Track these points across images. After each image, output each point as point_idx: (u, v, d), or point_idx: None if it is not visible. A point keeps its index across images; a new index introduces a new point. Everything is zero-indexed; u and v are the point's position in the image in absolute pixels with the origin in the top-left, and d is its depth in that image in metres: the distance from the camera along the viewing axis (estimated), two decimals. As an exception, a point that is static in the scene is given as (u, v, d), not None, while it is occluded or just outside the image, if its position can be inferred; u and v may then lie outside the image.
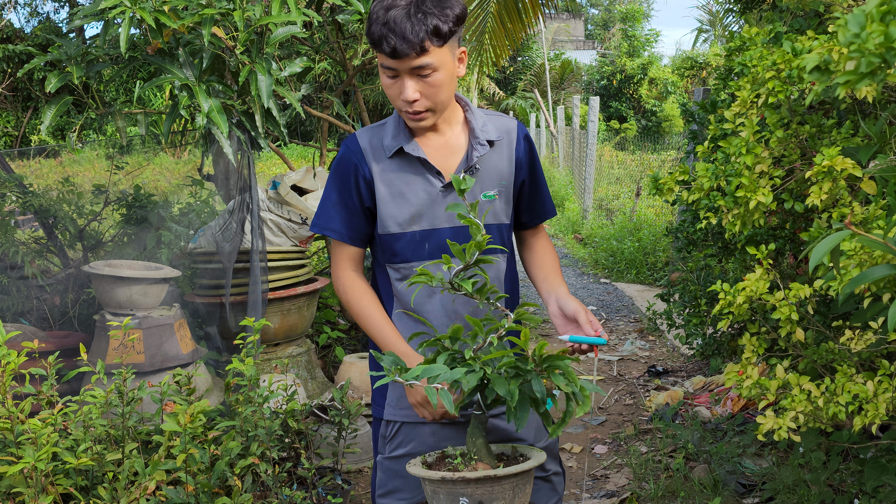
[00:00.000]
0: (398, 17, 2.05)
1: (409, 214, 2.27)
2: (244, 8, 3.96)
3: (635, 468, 4.29)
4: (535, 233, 2.54)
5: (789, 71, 2.69)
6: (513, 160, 2.36)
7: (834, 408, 2.49)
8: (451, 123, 2.31)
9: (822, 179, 2.47)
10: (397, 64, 2.10)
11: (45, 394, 3.34)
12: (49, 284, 4.95)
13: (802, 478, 3.70)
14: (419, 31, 2.05)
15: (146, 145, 9.39)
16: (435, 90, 2.15)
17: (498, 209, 2.34)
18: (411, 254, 2.30)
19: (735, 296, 2.65)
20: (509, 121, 2.40)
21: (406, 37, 2.05)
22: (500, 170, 2.33)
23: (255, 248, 4.43)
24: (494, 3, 8.35)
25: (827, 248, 1.99)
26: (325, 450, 4.00)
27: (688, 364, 6.22)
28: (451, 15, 2.10)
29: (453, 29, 2.11)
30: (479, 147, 2.28)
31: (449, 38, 2.11)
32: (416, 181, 2.27)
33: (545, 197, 2.49)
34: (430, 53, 2.08)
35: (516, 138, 2.38)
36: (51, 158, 14.40)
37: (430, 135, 2.30)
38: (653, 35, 32.86)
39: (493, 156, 2.32)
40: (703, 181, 2.85)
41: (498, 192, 2.33)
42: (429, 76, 2.12)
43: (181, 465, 3.05)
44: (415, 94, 2.14)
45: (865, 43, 1.16)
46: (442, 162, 2.29)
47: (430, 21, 2.06)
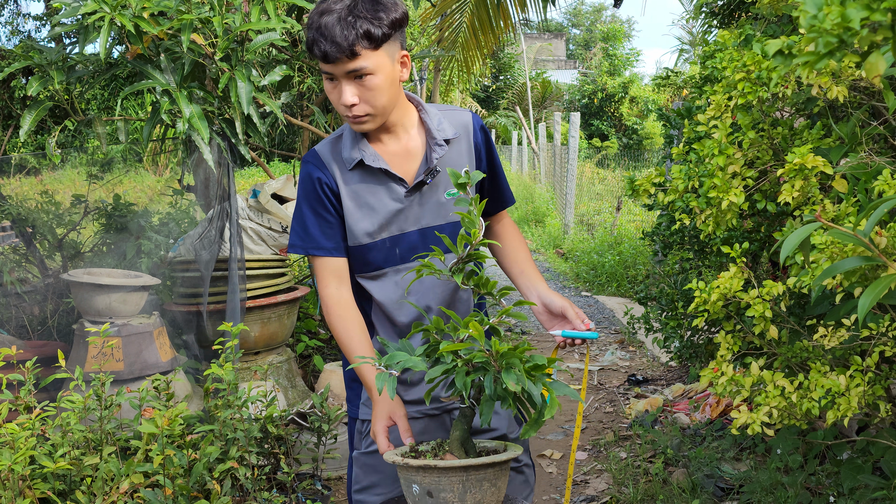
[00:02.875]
0: (329, 22, 2.07)
1: (377, 224, 2.29)
2: (223, 15, 3.98)
3: (615, 473, 4.30)
4: (500, 220, 2.55)
5: (759, 72, 2.73)
6: (472, 155, 2.37)
7: (807, 403, 2.52)
8: (406, 126, 2.32)
9: (794, 177, 2.50)
10: (332, 69, 2.12)
11: (23, 399, 3.34)
12: (27, 293, 4.94)
13: (780, 480, 3.72)
14: (349, 35, 2.06)
15: (127, 163, 9.38)
16: (372, 94, 2.15)
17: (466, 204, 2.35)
18: (383, 260, 2.33)
19: (710, 294, 2.68)
20: (464, 114, 2.40)
21: (336, 41, 2.06)
22: (461, 166, 2.33)
23: (234, 256, 4.44)
24: (468, 14, 8.41)
25: (797, 240, 2.02)
26: (304, 455, 4.00)
27: (668, 373, 6.25)
28: (386, 19, 2.11)
29: (388, 32, 2.12)
30: (438, 148, 2.29)
31: (383, 41, 2.11)
32: (381, 190, 2.28)
33: (504, 185, 2.51)
34: (363, 57, 2.09)
35: (472, 131, 2.39)
36: (31, 176, 14.34)
37: (387, 140, 2.31)
38: (633, 54, 33.09)
39: (452, 153, 2.33)
40: (677, 182, 2.89)
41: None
42: (364, 80, 2.12)
43: (158, 468, 3.04)
44: (353, 99, 2.14)
45: (822, 23, 1.19)
46: (402, 167, 2.30)
47: (361, 25, 2.07)
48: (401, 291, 2.32)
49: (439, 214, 2.32)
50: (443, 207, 2.31)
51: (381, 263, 2.33)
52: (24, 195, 5.56)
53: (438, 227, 2.31)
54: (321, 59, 2.10)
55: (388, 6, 2.13)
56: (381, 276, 2.34)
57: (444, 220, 2.32)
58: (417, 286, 2.30)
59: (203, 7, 4.02)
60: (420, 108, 2.34)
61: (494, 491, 1.87)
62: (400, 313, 2.35)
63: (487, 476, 1.85)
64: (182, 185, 5.62)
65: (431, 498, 1.83)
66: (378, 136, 2.29)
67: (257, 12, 4.08)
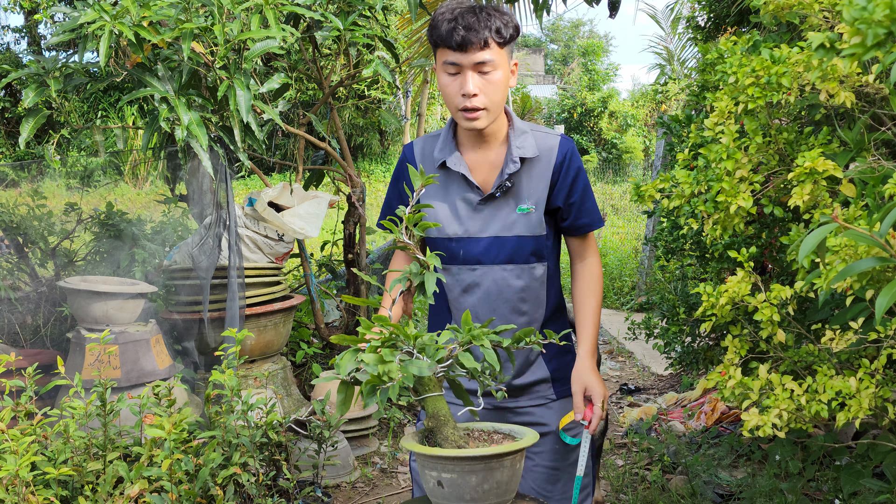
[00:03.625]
0: (465, 12, 2.27)
1: (446, 222, 2.44)
2: (224, 23, 3.98)
3: (612, 481, 4.31)
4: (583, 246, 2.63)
5: (768, 77, 2.76)
6: (549, 174, 2.47)
7: (816, 406, 2.53)
8: (497, 137, 2.46)
9: (805, 181, 2.52)
10: (461, 57, 2.28)
11: (24, 405, 3.31)
12: (20, 301, 4.90)
13: (778, 486, 3.74)
14: (484, 26, 2.26)
15: (107, 175, 9.35)
16: (493, 88, 2.31)
17: (534, 221, 2.46)
18: (448, 258, 2.47)
19: (718, 298, 2.70)
20: (553, 137, 2.52)
21: (473, 28, 2.25)
22: (536, 184, 2.45)
23: (233, 265, 4.43)
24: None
25: (815, 241, 2.05)
26: (304, 463, 3.99)
27: (659, 382, 6.27)
28: (511, 23, 2.32)
29: (513, 35, 2.32)
30: (512, 164, 2.41)
31: (508, 42, 2.32)
32: (456, 193, 2.45)
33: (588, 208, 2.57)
34: (492, 50, 2.28)
35: (557, 152, 2.48)
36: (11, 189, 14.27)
37: (477, 148, 2.46)
38: (612, 69, 33.21)
39: (531, 169, 2.45)
40: (684, 187, 2.90)
41: (534, 205, 2.45)
42: (488, 73, 2.30)
43: (165, 473, 3.02)
44: (475, 89, 2.29)
45: (872, 14, 1.20)
46: (482, 176, 2.45)
47: (494, 21, 2.27)
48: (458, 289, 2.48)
49: (505, 228, 2.44)
50: (510, 223, 2.44)
51: (446, 261, 2.46)
52: (14, 204, 5.52)
53: (503, 239, 2.44)
54: (456, 46, 2.27)
55: (509, 15, 2.34)
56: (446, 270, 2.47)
57: (509, 233, 2.44)
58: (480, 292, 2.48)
59: (202, 16, 4.02)
60: (511, 123, 2.47)
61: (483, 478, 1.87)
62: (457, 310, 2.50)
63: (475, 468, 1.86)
64: (174, 194, 5.60)
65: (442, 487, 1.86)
66: (470, 143, 2.45)
67: (257, 20, 4.08)
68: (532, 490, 2.54)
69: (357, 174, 5.51)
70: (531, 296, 2.51)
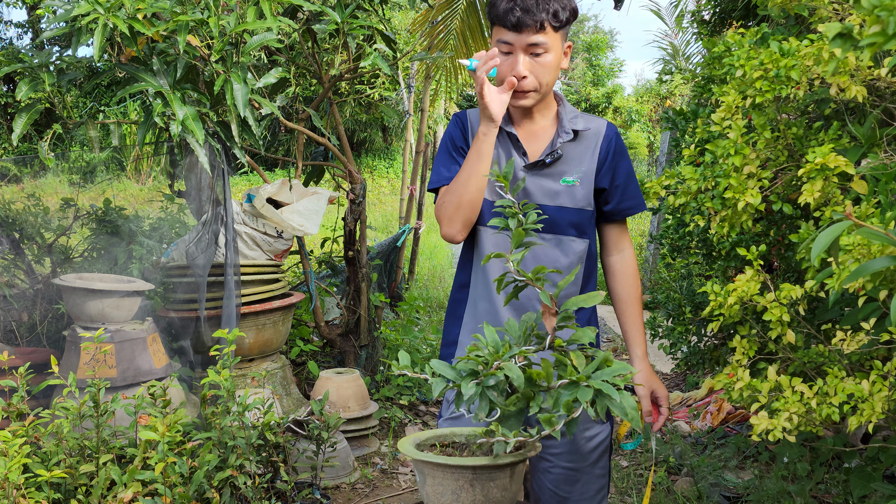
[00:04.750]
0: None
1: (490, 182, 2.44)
2: (219, 16, 3.91)
3: (617, 482, 4.24)
4: (621, 235, 2.62)
5: (777, 71, 2.68)
6: (596, 153, 2.49)
7: (827, 409, 2.46)
8: (544, 114, 2.49)
9: (815, 177, 2.45)
10: (516, 38, 2.30)
11: (15, 406, 3.25)
12: (15, 298, 4.84)
13: (787, 489, 3.67)
14: (542, 9, 2.28)
15: (110, 171, 9.31)
16: (544, 70, 2.35)
17: (578, 195, 2.46)
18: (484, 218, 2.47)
19: (726, 297, 2.62)
20: (600, 121, 2.56)
21: (531, 10, 2.27)
22: (582, 159, 2.47)
23: (230, 262, 4.36)
24: (458, 21, 8.34)
25: (828, 239, 1.97)
26: (303, 464, 3.92)
27: (664, 381, 6.20)
28: (569, 6, 2.34)
29: (569, 18, 2.34)
30: (564, 135, 2.44)
31: (564, 25, 2.34)
32: (503, 155, 2.46)
33: (632, 191, 2.58)
34: (547, 33, 2.30)
35: (604, 134, 2.52)
36: (13, 184, 14.23)
37: (525, 121, 2.48)
38: (617, 64, 33.10)
39: (577, 146, 2.48)
40: (690, 184, 2.83)
41: (579, 179, 2.46)
42: (541, 56, 2.33)
43: (159, 476, 2.95)
44: (525, 71, 2.33)
45: (893, 1, 1.14)
46: (530, 144, 2.47)
47: (553, 5, 2.29)
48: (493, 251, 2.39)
49: (548, 197, 2.44)
50: (554, 192, 2.45)
51: (481, 220, 2.46)
52: (9, 199, 5.45)
53: (545, 207, 2.43)
54: (512, 27, 2.29)
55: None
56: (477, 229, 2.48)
57: (552, 202, 2.45)
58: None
59: (198, 8, 3.95)
60: (561, 102, 2.52)
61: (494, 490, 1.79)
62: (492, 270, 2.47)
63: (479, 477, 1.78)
64: (173, 191, 5.53)
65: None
66: (519, 116, 2.48)
67: (253, 13, 4.01)
68: (549, 491, 2.48)
69: (358, 170, 5.44)
70: (566, 270, 2.47)
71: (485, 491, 1.77)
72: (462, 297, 2.55)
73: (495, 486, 1.79)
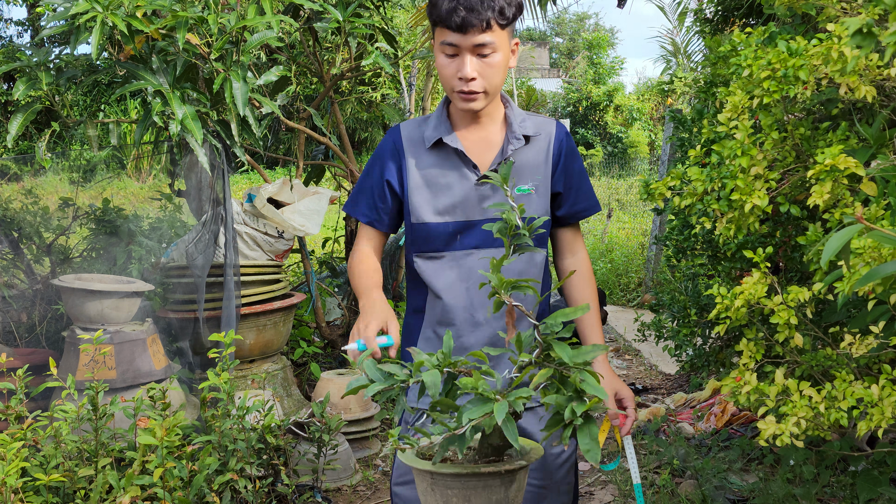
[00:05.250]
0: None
1: (444, 205, 2.33)
2: (219, 13, 3.87)
3: (620, 485, 4.20)
4: (575, 238, 2.53)
5: (785, 70, 2.64)
6: (550, 157, 2.39)
7: (836, 413, 2.43)
8: (492, 118, 2.36)
9: (824, 179, 2.41)
10: (461, 39, 2.16)
11: (14, 408, 3.22)
12: (14, 299, 4.81)
13: (792, 492, 3.63)
14: (486, 7, 2.13)
15: (110, 169, 9.28)
16: (492, 71, 2.21)
17: (535, 204, 2.36)
18: (443, 244, 2.36)
19: (732, 300, 2.59)
20: (550, 122, 2.44)
21: (475, 8, 2.13)
22: (535, 165, 2.37)
23: (229, 262, 4.32)
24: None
25: (839, 243, 1.93)
26: (304, 466, 3.88)
27: (667, 382, 6.16)
28: (515, 1, 2.20)
29: (515, 14, 2.21)
30: (515, 141, 2.33)
31: (511, 22, 2.21)
32: (453, 174, 2.34)
33: (585, 193, 2.48)
34: (494, 32, 2.16)
35: (555, 136, 2.42)
36: (13, 182, 14.22)
37: (472, 128, 2.35)
38: (618, 63, 33.05)
39: (529, 151, 2.36)
40: (696, 185, 2.79)
41: (534, 186, 2.36)
42: (488, 56, 2.19)
43: (158, 480, 2.92)
44: (473, 73, 2.20)
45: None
46: (479, 156, 2.35)
47: (498, 1, 2.15)
48: (456, 277, 2.35)
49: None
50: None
51: (441, 247, 2.36)
52: (8, 198, 5.42)
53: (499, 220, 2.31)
54: (457, 27, 2.15)
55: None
56: (439, 258, 2.36)
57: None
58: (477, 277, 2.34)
59: (197, 5, 3.91)
60: (508, 104, 2.40)
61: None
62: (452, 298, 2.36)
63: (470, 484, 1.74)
64: (173, 190, 5.50)
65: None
66: (465, 124, 2.35)
67: (253, 10, 3.97)
68: None
69: (359, 169, 5.40)
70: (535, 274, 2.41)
71: (482, 499, 1.74)
72: (416, 323, 2.45)
73: (488, 495, 1.75)
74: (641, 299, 8.89)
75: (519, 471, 1.74)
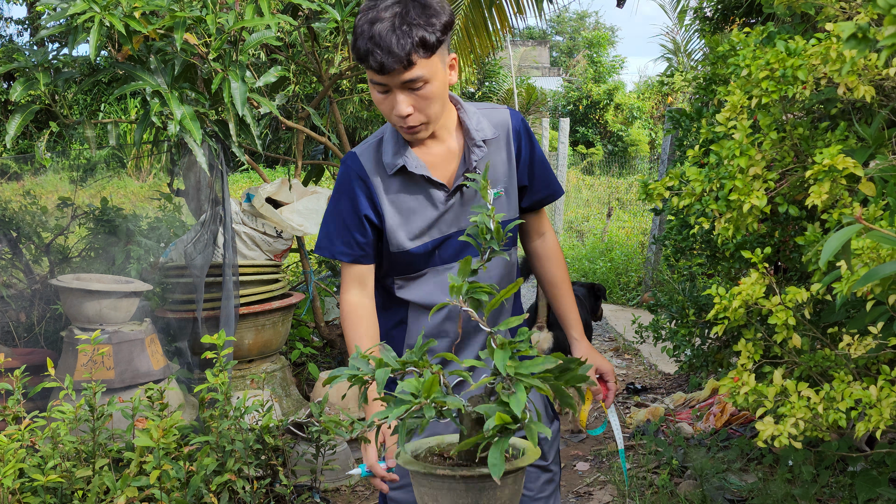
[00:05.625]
0: (383, 30, 1.98)
1: (419, 229, 2.25)
2: (217, 13, 3.86)
3: (619, 485, 4.20)
4: (540, 220, 2.52)
5: (783, 70, 2.64)
6: (512, 154, 2.33)
7: (834, 414, 2.42)
8: (447, 128, 2.26)
9: (823, 179, 2.41)
10: (386, 79, 2.04)
11: (11, 409, 3.21)
12: (13, 299, 4.80)
13: (791, 492, 3.63)
14: (405, 45, 1.97)
15: (110, 168, 9.28)
16: (428, 102, 2.08)
17: (506, 205, 2.32)
18: (424, 263, 2.30)
19: (731, 300, 2.58)
20: (502, 112, 2.36)
21: (392, 51, 1.97)
22: (500, 166, 2.30)
23: (228, 262, 4.32)
24: (461, 17, 8.30)
25: (838, 243, 1.92)
26: (302, 467, 3.88)
27: (666, 381, 6.16)
28: (438, 24, 2.02)
29: (441, 38, 2.04)
30: (476, 150, 2.24)
31: (437, 48, 2.04)
32: (422, 196, 2.24)
33: (548, 178, 2.44)
34: (419, 66, 2.01)
35: (511, 129, 2.34)
36: (13, 182, 14.21)
37: (430, 143, 2.25)
38: (618, 61, 33.03)
39: (491, 154, 2.29)
40: (694, 185, 2.79)
41: (503, 189, 2.31)
42: (420, 89, 2.05)
43: (154, 482, 2.92)
44: (408, 109, 2.07)
45: (913, 1, 1.09)
46: (442, 170, 2.26)
47: (416, 33, 1.98)
48: (439, 290, 2.30)
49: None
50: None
51: (421, 266, 2.30)
52: (6, 198, 5.42)
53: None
54: (377, 70, 2.01)
55: (437, 10, 2.04)
56: (421, 276, 2.31)
57: None
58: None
59: (195, 6, 3.90)
60: (459, 107, 2.27)
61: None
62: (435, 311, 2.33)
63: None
64: (172, 190, 5.49)
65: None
66: (421, 141, 2.24)
67: (251, 10, 3.96)
68: None
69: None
70: (505, 284, 2.37)
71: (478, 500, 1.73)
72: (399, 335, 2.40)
73: (489, 497, 1.74)
74: (641, 299, 8.88)
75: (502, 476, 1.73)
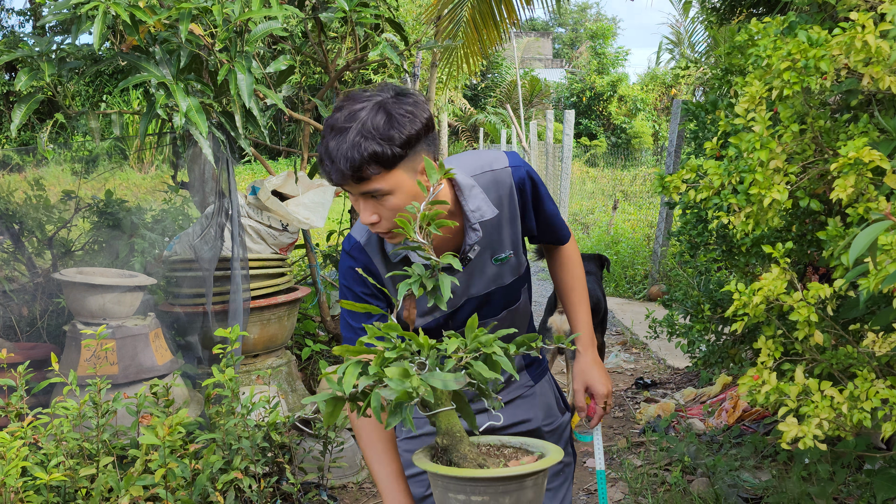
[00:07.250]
0: (335, 143, 1.87)
1: (427, 307, 2.18)
2: (223, 3, 3.80)
3: (630, 482, 4.14)
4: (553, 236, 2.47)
5: (805, 61, 2.57)
6: (516, 212, 2.21)
7: (858, 414, 2.36)
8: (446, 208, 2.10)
9: (847, 172, 2.34)
10: (346, 188, 1.95)
11: (14, 406, 3.16)
12: (15, 293, 4.74)
13: (807, 490, 3.57)
14: (355, 160, 1.85)
15: (112, 160, 9.22)
16: (392, 213, 1.93)
17: (514, 265, 2.25)
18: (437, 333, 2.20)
19: (751, 296, 2.52)
20: (502, 174, 2.19)
21: (339, 167, 1.87)
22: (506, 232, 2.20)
23: (236, 255, 4.26)
24: (468, 9, 8.23)
25: (867, 240, 1.86)
26: (309, 464, 3.82)
27: (675, 376, 6.10)
28: (398, 138, 1.87)
29: (400, 153, 1.89)
30: (473, 234, 2.10)
31: (396, 162, 1.89)
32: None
33: (556, 226, 2.38)
34: (374, 181, 1.89)
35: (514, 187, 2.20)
36: (15, 173, 14.14)
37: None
38: (622, 53, 32.94)
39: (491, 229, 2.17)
40: (713, 179, 2.72)
41: (511, 251, 2.22)
42: (383, 198, 1.92)
43: (160, 481, 2.86)
44: (372, 217, 1.95)
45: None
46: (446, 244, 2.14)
47: (368, 147, 1.85)
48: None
49: (492, 282, 2.22)
50: (494, 276, 2.22)
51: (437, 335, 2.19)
52: (10, 190, 5.35)
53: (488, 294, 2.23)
54: (338, 183, 1.92)
55: (402, 122, 1.89)
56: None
57: (494, 286, 2.23)
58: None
59: (201, -5, 3.84)
60: (457, 188, 2.11)
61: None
62: None
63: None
64: (176, 182, 5.42)
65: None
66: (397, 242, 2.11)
67: (258, 1, 3.90)
68: None
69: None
70: (519, 325, 2.35)
71: (531, 496, 1.69)
72: None
73: (536, 489, 1.70)
74: (648, 292, 8.81)
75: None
